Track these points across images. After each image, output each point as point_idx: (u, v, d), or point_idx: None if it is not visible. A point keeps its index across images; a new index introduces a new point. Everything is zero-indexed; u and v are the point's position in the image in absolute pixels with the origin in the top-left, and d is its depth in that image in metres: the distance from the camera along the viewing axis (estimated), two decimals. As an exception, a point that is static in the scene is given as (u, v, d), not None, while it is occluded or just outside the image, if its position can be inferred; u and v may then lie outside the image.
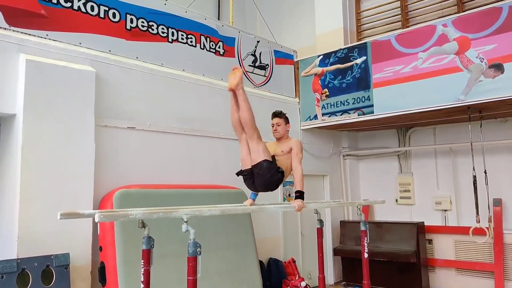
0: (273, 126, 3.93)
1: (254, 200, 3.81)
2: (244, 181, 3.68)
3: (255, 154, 3.49)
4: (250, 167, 3.55)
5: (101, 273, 3.87)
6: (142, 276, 2.92)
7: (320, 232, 4.40)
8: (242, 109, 3.47)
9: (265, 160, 3.47)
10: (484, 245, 6.09)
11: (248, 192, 3.87)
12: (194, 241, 2.70)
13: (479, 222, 5.75)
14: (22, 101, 3.68)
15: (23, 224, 3.54)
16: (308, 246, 6.80)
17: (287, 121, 3.97)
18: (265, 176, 3.50)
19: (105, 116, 4.35)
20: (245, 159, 3.59)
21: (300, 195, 3.68)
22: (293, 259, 6.15)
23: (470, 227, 5.92)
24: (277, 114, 3.95)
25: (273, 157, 3.59)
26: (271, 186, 3.63)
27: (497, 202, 6.05)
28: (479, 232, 5.83)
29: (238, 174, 3.69)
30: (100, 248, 3.95)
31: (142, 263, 2.91)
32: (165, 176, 4.82)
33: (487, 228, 5.77)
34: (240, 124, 3.53)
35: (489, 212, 5.82)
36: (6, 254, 3.54)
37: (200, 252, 2.70)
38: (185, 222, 2.76)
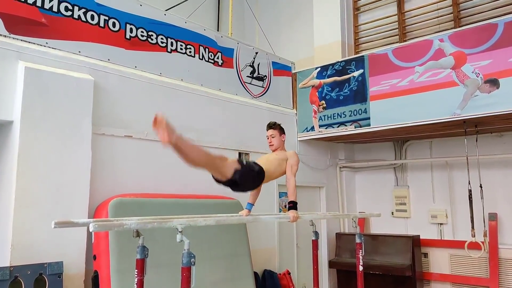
0: (268, 138, 3.88)
1: (249, 210, 3.81)
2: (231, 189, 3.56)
3: (227, 170, 3.27)
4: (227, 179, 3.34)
5: (94, 282, 3.84)
6: (136, 286, 2.90)
7: (315, 244, 4.38)
8: (193, 154, 2.96)
9: (235, 169, 3.27)
10: (480, 260, 6.08)
11: (244, 202, 3.86)
12: (188, 251, 2.68)
13: (474, 236, 5.75)
14: (20, 108, 3.68)
15: (17, 231, 3.52)
16: (303, 258, 6.77)
17: (282, 131, 3.86)
18: (244, 176, 3.32)
19: (102, 124, 4.35)
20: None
21: (293, 205, 3.65)
22: (288, 271, 6.12)
23: (466, 241, 5.92)
24: (271, 126, 3.87)
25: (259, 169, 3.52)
26: (251, 179, 3.49)
27: (493, 217, 6.06)
28: (474, 246, 5.83)
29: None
30: (94, 257, 3.92)
31: (136, 273, 2.89)
32: (161, 185, 4.81)
33: (482, 242, 5.77)
34: (211, 167, 3.24)
35: (485, 226, 5.83)
36: (-1, 262, 3.52)
37: (194, 263, 2.68)
38: (179, 232, 2.74)
